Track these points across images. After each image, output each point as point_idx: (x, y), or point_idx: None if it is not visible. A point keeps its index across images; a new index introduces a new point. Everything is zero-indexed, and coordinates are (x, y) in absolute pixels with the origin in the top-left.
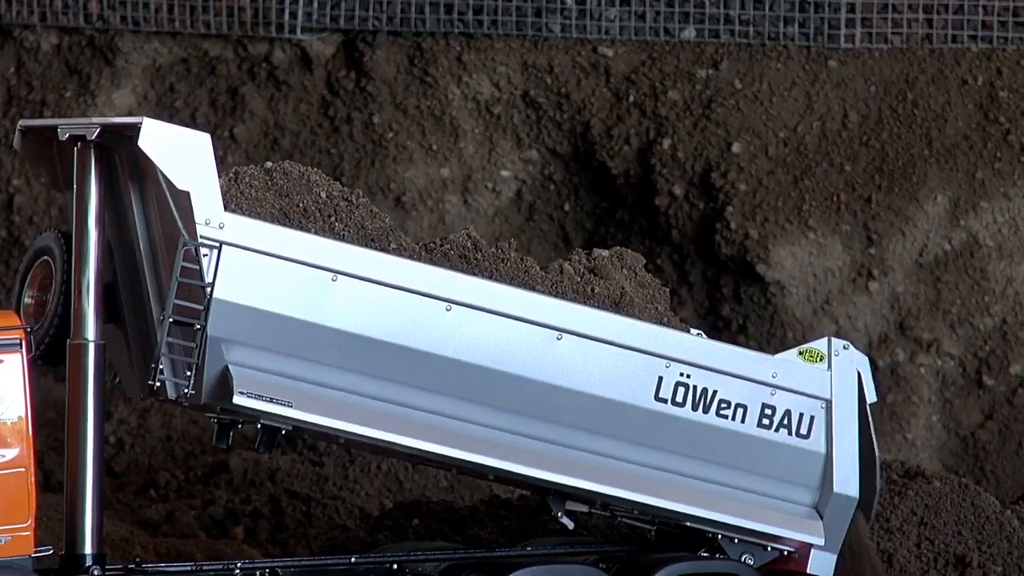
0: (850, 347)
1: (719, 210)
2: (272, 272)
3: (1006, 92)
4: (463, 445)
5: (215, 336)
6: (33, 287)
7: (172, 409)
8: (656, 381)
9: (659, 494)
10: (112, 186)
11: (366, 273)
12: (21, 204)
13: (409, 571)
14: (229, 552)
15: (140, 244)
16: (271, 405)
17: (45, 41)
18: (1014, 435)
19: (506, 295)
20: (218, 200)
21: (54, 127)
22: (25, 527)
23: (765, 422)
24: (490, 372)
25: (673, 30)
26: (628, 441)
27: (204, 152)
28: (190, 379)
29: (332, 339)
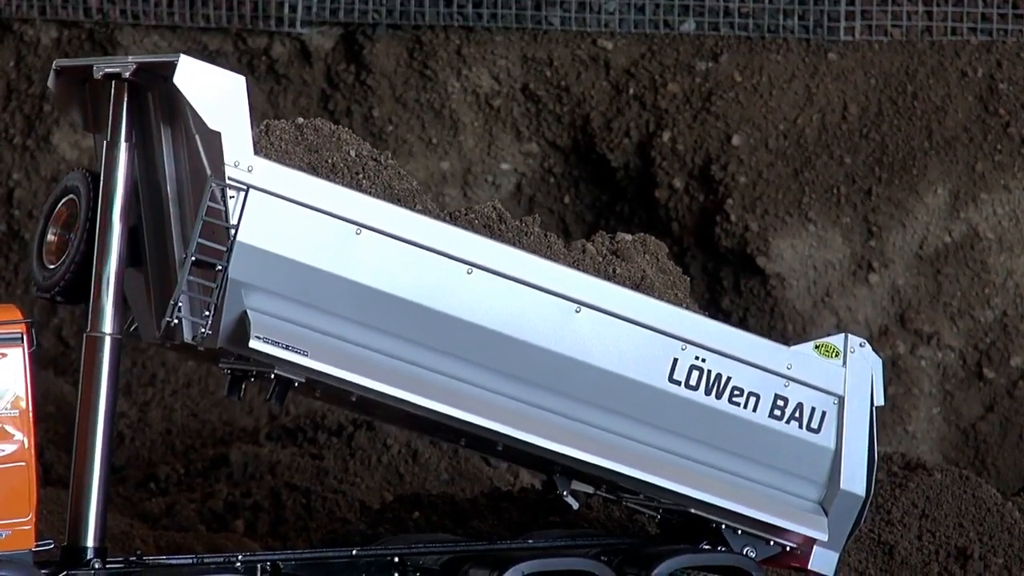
0: (866, 346)
1: (719, 202)
2: (297, 220)
3: (1006, 84)
4: (474, 409)
5: (235, 279)
6: (57, 224)
7: (172, 403)
8: (671, 362)
9: (666, 475)
10: (143, 126)
11: (390, 229)
12: (21, 198)
13: (410, 564)
14: (229, 545)
15: (167, 185)
16: (286, 352)
17: (45, 35)
18: (1015, 427)
19: (528, 263)
20: (249, 143)
21: (89, 66)
22: (26, 521)
23: (776, 413)
24: (506, 339)
25: (673, 23)
26: (639, 420)
27: (238, 94)
28: (207, 320)
29: (351, 292)
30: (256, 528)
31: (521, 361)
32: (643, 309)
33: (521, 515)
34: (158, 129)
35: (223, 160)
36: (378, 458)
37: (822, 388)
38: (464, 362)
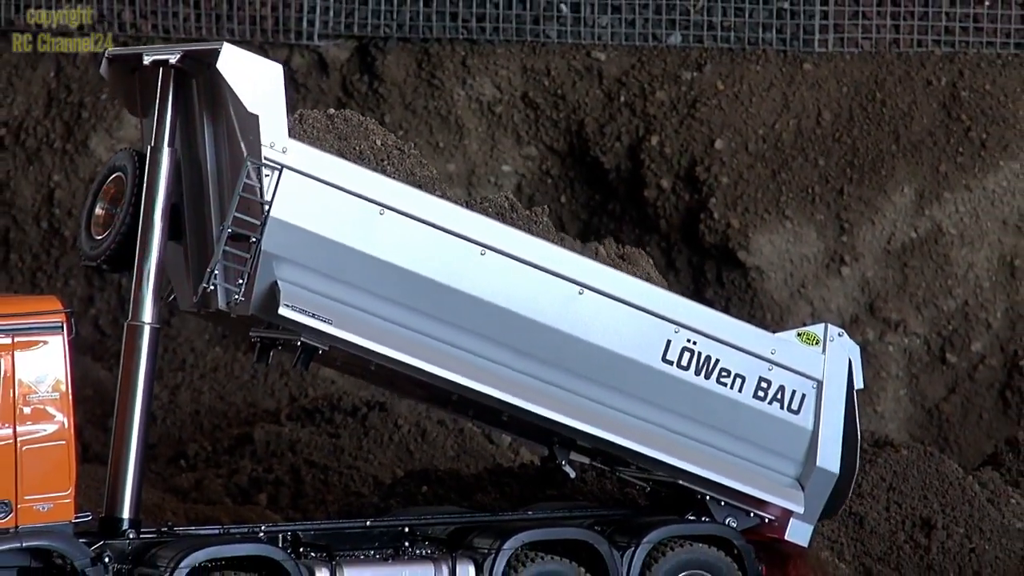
0: (844, 335)
1: (703, 201)
2: (326, 199)
3: (967, 92)
4: (482, 379)
5: (268, 251)
6: (105, 200)
7: (200, 386)
8: (665, 344)
9: (657, 447)
10: (187, 110)
11: (411, 211)
12: (61, 198)
13: (419, 533)
14: (253, 517)
15: (207, 164)
16: (312, 320)
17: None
18: (975, 407)
19: (536, 247)
20: (284, 126)
21: (139, 54)
22: (66, 495)
23: (760, 394)
24: (514, 316)
25: (660, 36)
26: (633, 396)
27: (275, 81)
28: (241, 287)
29: (373, 268)
30: (278, 501)
31: (527, 337)
32: (640, 293)
33: (522, 489)
34: (201, 113)
35: (260, 141)
36: (390, 437)
37: (803, 373)
38: (474, 336)
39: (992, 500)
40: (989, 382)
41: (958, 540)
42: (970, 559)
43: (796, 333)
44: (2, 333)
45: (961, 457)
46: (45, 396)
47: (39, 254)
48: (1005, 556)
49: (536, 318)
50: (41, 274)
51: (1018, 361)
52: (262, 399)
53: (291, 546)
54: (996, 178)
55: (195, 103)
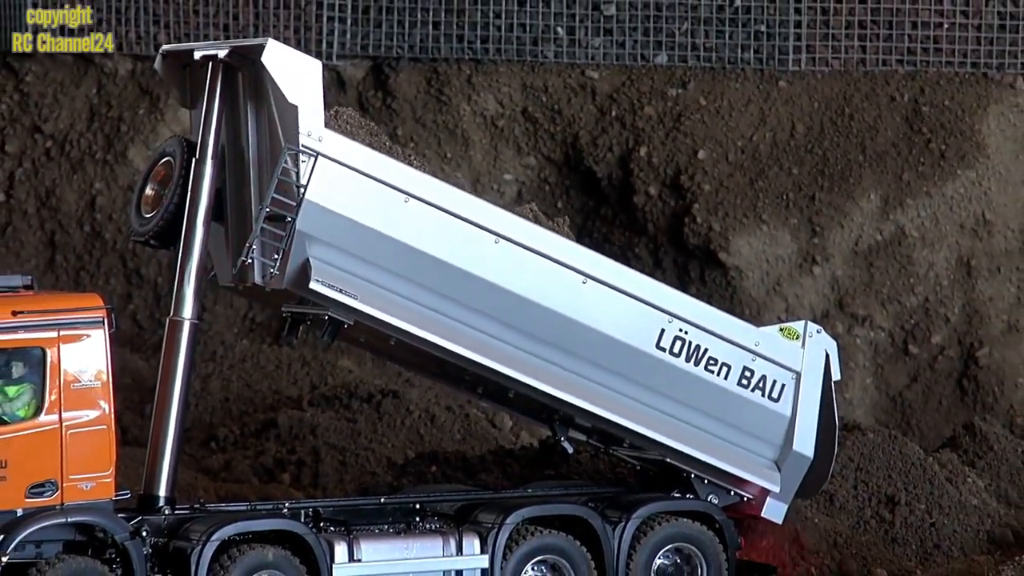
0: (822, 332)
1: (687, 207)
2: (356, 186)
3: (928, 107)
4: (492, 356)
5: (302, 231)
6: (155, 181)
7: (230, 375)
8: (659, 332)
9: (649, 426)
10: (232, 101)
11: (433, 200)
12: (102, 204)
13: (429, 510)
14: (277, 494)
15: (249, 151)
16: (340, 295)
17: (121, 67)
18: (935, 395)
19: (545, 238)
20: (320, 117)
21: (190, 50)
22: (107, 475)
23: (744, 382)
24: (522, 300)
25: (648, 56)
26: (629, 379)
27: (314, 75)
28: (276, 262)
29: (397, 250)
30: (300, 480)
31: (533, 320)
32: (639, 285)
33: (522, 469)
34: (245, 104)
35: (298, 130)
36: (402, 421)
37: (783, 364)
38: (485, 316)
39: (950, 479)
40: (948, 372)
41: (919, 515)
42: (930, 532)
43: (779, 328)
44: (49, 327)
45: (922, 440)
46: (88, 385)
47: (82, 255)
48: (962, 530)
49: (542, 303)
50: (84, 273)
51: (974, 353)
52: (286, 387)
53: (312, 521)
54: (954, 186)
55: (240, 95)
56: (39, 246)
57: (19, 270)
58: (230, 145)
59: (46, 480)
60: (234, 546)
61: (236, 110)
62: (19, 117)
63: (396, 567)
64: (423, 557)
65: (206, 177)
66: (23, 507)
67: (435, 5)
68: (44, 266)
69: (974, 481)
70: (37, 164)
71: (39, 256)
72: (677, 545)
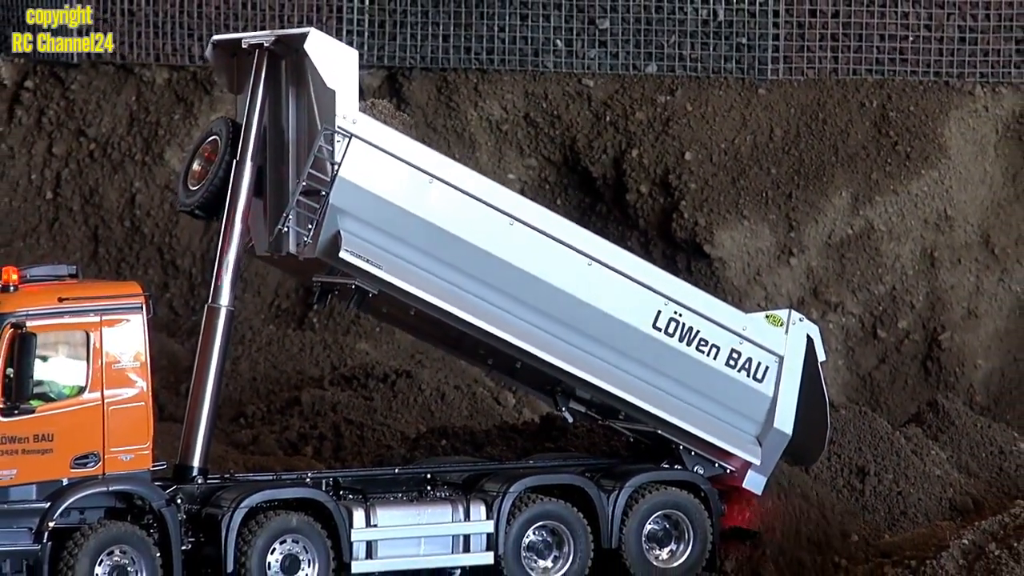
0: (804, 320)
1: (675, 203)
2: (386, 166)
3: (895, 113)
4: (504, 328)
5: (334, 205)
6: (201, 158)
7: (257, 357)
8: (656, 313)
9: (645, 399)
10: (275, 86)
11: (455, 182)
12: (141, 201)
13: (439, 479)
14: (301, 466)
15: (289, 132)
16: (367, 264)
17: (159, 76)
18: (901, 375)
19: (555, 222)
20: (355, 102)
21: (239, 40)
22: (145, 447)
23: (731, 363)
24: (532, 278)
25: (639, 66)
26: (627, 355)
27: (351, 63)
28: (310, 232)
29: (419, 227)
30: (322, 453)
31: (541, 296)
32: (639, 269)
33: (524, 442)
34: (287, 88)
35: (335, 113)
36: (414, 399)
37: (768, 348)
38: (498, 292)
39: (916, 451)
40: (913, 354)
41: (887, 485)
42: (897, 500)
43: (765, 315)
44: (92, 312)
45: (890, 416)
46: (127, 365)
47: (123, 248)
48: (926, 498)
49: (551, 281)
50: (124, 264)
51: (937, 336)
52: (308, 368)
53: (332, 490)
54: (919, 184)
55: (283, 80)
56: (83, 240)
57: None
58: (272, 126)
59: (89, 452)
60: (261, 513)
61: (278, 94)
62: (65, 122)
63: (409, 531)
64: (434, 522)
65: (249, 155)
66: (68, 477)
67: (445, 20)
68: (88, 258)
69: (937, 453)
70: (82, 165)
71: (83, 249)
72: (666, 512)
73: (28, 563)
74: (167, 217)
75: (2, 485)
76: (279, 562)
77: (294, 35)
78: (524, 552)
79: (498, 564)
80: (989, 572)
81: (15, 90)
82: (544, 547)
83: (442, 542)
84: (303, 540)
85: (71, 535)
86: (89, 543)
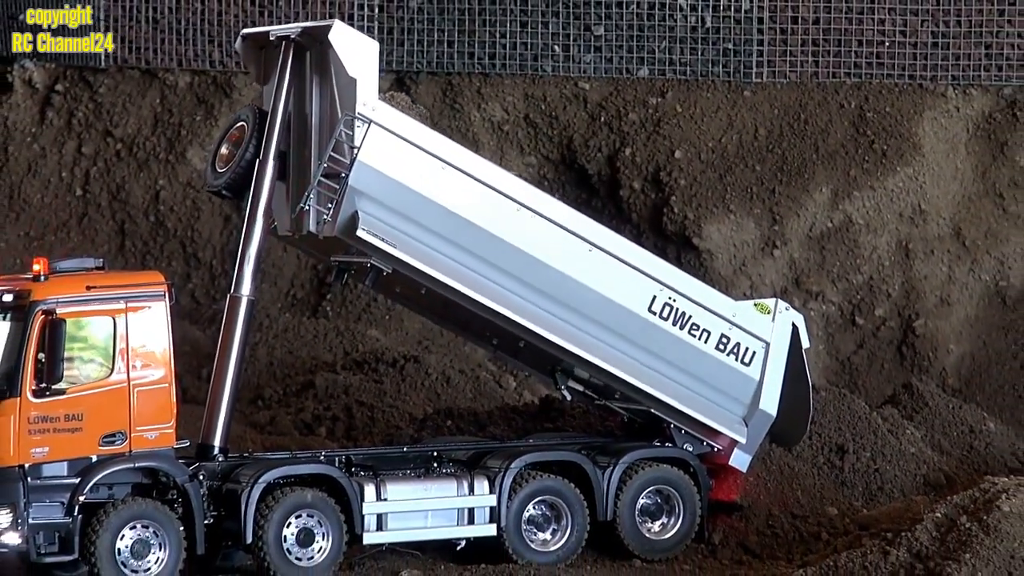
0: (790, 308)
1: (666, 199)
2: (401, 151)
3: (872, 113)
4: (509, 307)
5: (353, 186)
6: (229, 142)
7: (274, 343)
8: (651, 298)
9: (639, 378)
10: (300, 76)
11: (465, 168)
12: (165, 198)
13: (445, 457)
14: (315, 445)
15: (312, 118)
16: (382, 243)
17: (181, 80)
18: (878, 359)
19: (560, 209)
20: (375, 90)
21: (267, 32)
22: (168, 426)
23: (720, 347)
24: (536, 260)
25: (632, 70)
26: (623, 336)
27: (372, 54)
28: (329, 211)
29: (432, 210)
30: (335, 433)
31: (545, 278)
32: (638, 257)
33: (525, 422)
34: (311, 77)
35: (355, 99)
36: (421, 382)
37: (755, 334)
38: (504, 273)
39: (892, 431)
40: (889, 339)
41: (865, 462)
42: (874, 476)
43: (753, 303)
44: (117, 300)
45: (867, 397)
46: (151, 349)
47: (148, 241)
48: (902, 474)
49: (553, 264)
50: (149, 257)
51: (911, 323)
52: (322, 353)
53: (345, 467)
54: (894, 180)
55: (308, 70)
56: (111, 234)
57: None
58: (296, 113)
59: (116, 431)
60: (278, 488)
61: (303, 83)
62: (93, 123)
63: (417, 505)
64: (440, 496)
65: (274, 143)
66: (97, 454)
67: (450, 27)
68: (115, 251)
69: (912, 433)
70: (109, 164)
71: (111, 242)
72: (657, 487)
73: (60, 535)
74: (189, 212)
75: (36, 462)
76: (295, 535)
77: (319, 27)
78: (525, 525)
79: (500, 536)
80: (960, 543)
81: (46, 94)
82: (543, 520)
83: (448, 515)
84: (317, 514)
85: (100, 509)
86: (116, 517)
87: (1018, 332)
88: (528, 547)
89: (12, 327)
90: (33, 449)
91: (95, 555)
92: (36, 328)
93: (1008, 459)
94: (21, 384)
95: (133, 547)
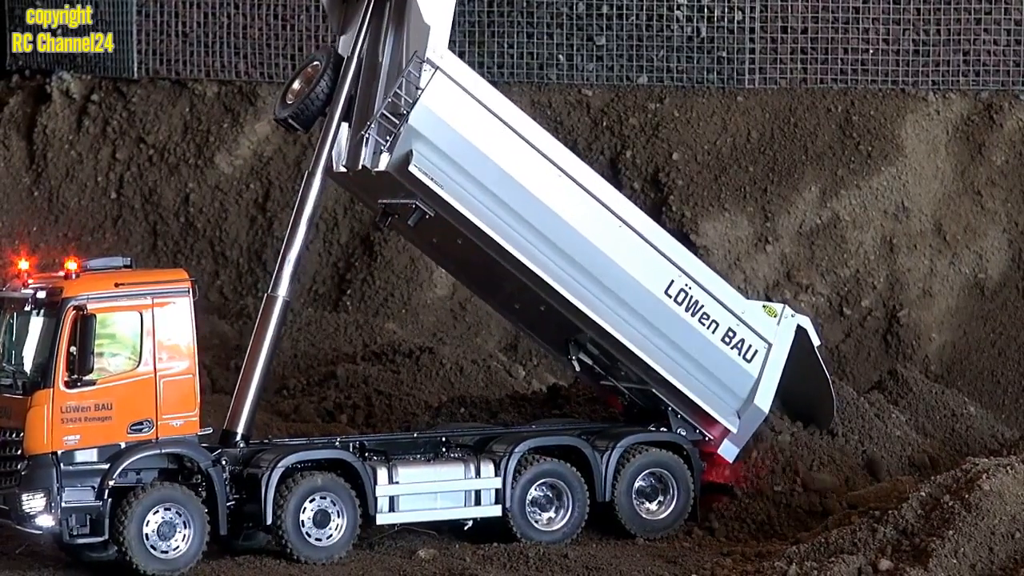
0: (795, 314)
1: (665, 198)
2: (462, 102)
3: (857, 117)
4: (537, 263)
5: (411, 126)
6: (302, 79)
7: (298, 336)
8: (669, 281)
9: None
10: (377, 25)
11: (518, 128)
12: (195, 200)
13: (453, 442)
14: (336, 432)
15: (383, 61)
16: (431, 182)
17: (209, 89)
18: (865, 347)
19: (598, 183)
20: (446, 40)
21: None
22: (193, 415)
23: (726, 340)
24: (567, 226)
25: (632, 77)
26: (636, 312)
27: (449, 6)
28: (387, 142)
29: (481, 161)
30: (355, 420)
31: (573, 244)
32: (663, 241)
33: (533, 409)
34: (388, 24)
35: (427, 46)
36: (436, 372)
37: (760, 333)
38: (537, 233)
39: (878, 415)
40: (875, 329)
41: (854, 445)
42: (862, 459)
43: (762, 305)
44: (144, 296)
45: (855, 384)
46: (176, 342)
47: (178, 241)
48: (888, 456)
49: (582, 232)
50: (180, 256)
51: (896, 313)
52: (343, 345)
53: (359, 452)
54: (879, 179)
55: (386, 17)
56: (144, 234)
57: (128, 254)
58: (367, 59)
59: (144, 419)
60: (296, 472)
61: (379, 30)
62: (127, 131)
63: (427, 488)
64: (448, 479)
65: (347, 82)
66: (125, 441)
67: (460, 38)
68: (148, 250)
69: (897, 417)
70: (142, 168)
71: (144, 242)
72: (653, 470)
73: (91, 518)
74: (217, 214)
75: (68, 449)
76: (312, 516)
77: None
78: (528, 506)
79: (505, 516)
80: (943, 520)
81: (83, 103)
82: (546, 501)
83: (455, 497)
84: (333, 496)
85: (128, 493)
86: (144, 500)
87: (996, 321)
88: (532, 527)
89: (45, 322)
90: (66, 437)
91: (124, 536)
92: (68, 323)
93: (988, 441)
94: (54, 376)
95: (160, 529)
